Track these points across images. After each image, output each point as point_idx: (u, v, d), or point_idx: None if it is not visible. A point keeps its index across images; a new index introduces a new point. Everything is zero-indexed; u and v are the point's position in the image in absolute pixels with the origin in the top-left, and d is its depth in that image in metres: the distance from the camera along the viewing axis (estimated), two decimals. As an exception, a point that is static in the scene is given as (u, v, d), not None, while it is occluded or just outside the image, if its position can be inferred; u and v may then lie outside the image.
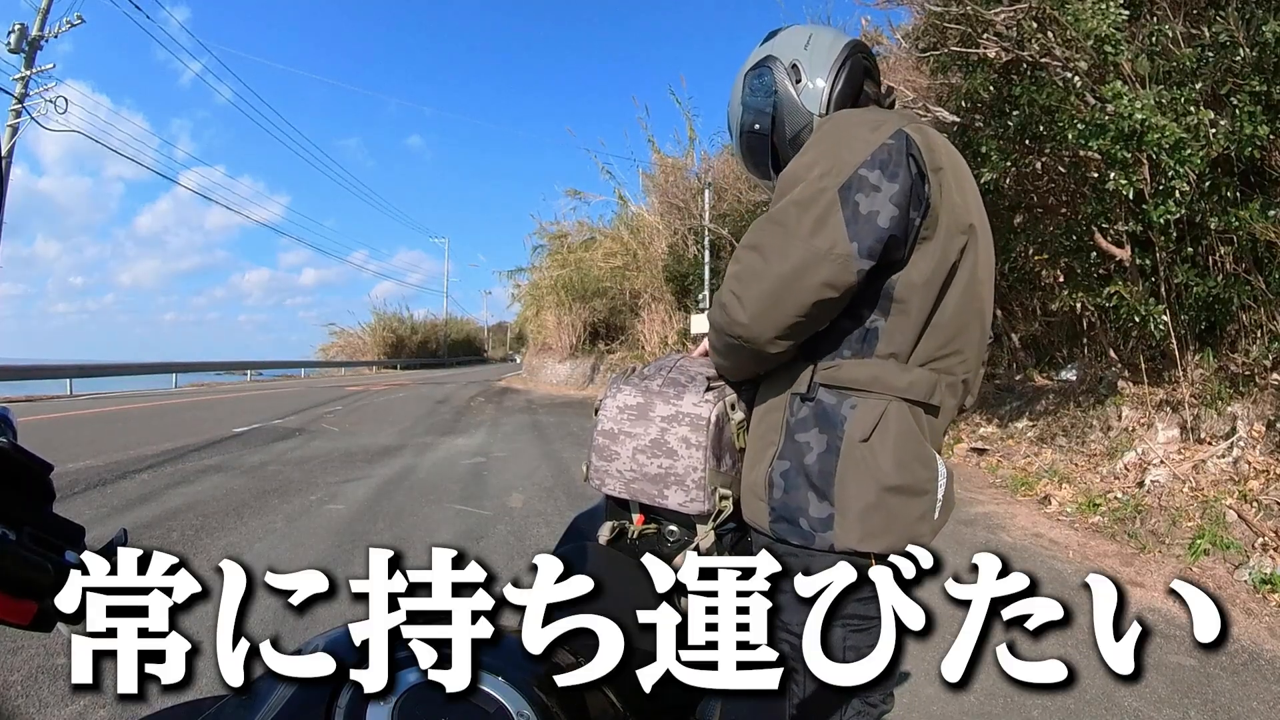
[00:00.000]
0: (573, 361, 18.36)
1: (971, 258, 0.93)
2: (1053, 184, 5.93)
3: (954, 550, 3.68)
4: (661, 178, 16.02)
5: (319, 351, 37.92)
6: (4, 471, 0.42)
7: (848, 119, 0.93)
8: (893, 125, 0.89)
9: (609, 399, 1.06)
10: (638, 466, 1.00)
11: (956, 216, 0.91)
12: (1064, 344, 6.82)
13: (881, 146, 0.87)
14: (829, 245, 0.84)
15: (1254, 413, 4.20)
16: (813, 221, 0.85)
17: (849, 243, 0.84)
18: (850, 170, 0.86)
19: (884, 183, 0.85)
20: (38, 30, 15.39)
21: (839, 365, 0.91)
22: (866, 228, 0.84)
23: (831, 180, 0.86)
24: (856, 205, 0.84)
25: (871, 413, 0.88)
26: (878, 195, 0.85)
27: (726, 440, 0.99)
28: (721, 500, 0.97)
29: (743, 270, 0.89)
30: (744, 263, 0.89)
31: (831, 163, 0.87)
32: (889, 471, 0.87)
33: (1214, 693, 2.23)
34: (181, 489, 4.86)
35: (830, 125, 0.94)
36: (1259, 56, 4.10)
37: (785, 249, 0.85)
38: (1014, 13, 4.89)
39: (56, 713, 1.96)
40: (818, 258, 0.84)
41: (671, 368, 1.08)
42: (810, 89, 1.05)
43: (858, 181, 0.85)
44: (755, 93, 1.09)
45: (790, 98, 1.06)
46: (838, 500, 0.87)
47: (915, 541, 0.89)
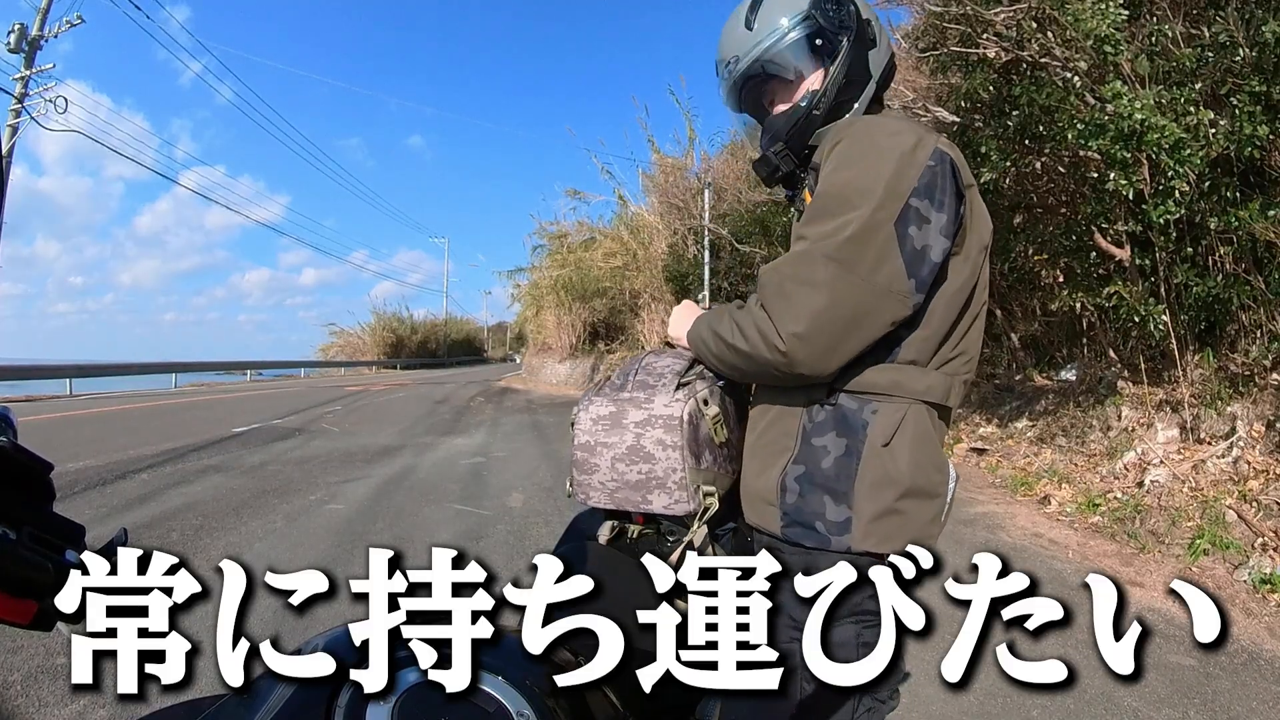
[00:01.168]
0: (572, 361, 18.35)
1: (987, 267, 0.94)
2: (1052, 184, 5.93)
3: (954, 550, 3.69)
4: (661, 178, 16.02)
5: (319, 351, 37.99)
6: (4, 471, 0.42)
7: (878, 132, 0.89)
8: (929, 144, 0.87)
9: (581, 412, 1.05)
10: (618, 475, 0.99)
11: (981, 233, 0.91)
12: (1064, 344, 6.82)
13: (927, 170, 0.85)
14: (888, 284, 0.83)
15: (1253, 413, 4.20)
16: (873, 259, 0.82)
17: (907, 280, 0.83)
18: (902, 200, 0.83)
19: (933, 214, 0.84)
20: (37, 30, 15.39)
21: (860, 371, 0.90)
22: (922, 263, 0.84)
23: (886, 214, 0.83)
24: (911, 240, 0.83)
25: (893, 417, 0.88)
26: (929, 228, 0.84)
27: (703, 437, 0.98)
28: (706, 498, 0.97)
29: (799, 309, 0.83)
30: (798, 300, 0.84)
31: (882, 190, 0.83)
32: (907, 475, 0.87)
33: (1213, 692, 2.23)
34: (181, 489, 4.86)
35: (864, 139, 0.89)
36: (1259, 56, 4.10)
37: (848, 290, 0.82)
38: (1014, 13, 4.89)
39: (56, 712, 1.96)
40: (879, 297, 0.82)
41: (639, 369, 1.06)
42: (876, 58, 0.98)
43: (911, 214, 0.83)
44: (826, 15, 0.95)
45: (859, 53, 0.96)
46: (856, 504, 0.87)
47: (924, 543, 0.89)
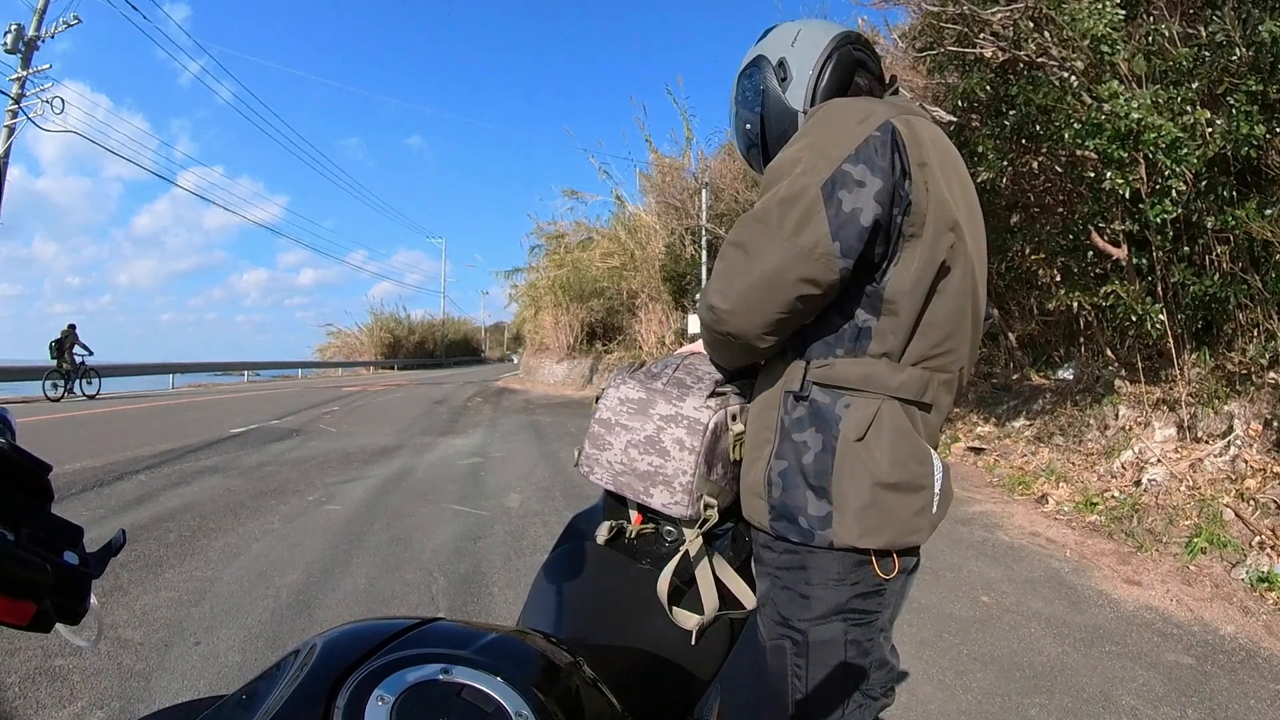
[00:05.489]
0: (570, 362, 18.36)
1: (963, 256, 0.92)
2: (1049, 183, 5.94)
3: (952, 549, 3.69)
4: (659, 178, 16.04)
5: (316, 352, 37.98)
6: (3, 472, 0.42)
7: (835, 109, 0.91)
8: (880, 116, 0.87)
9: (611, 389, 1.06)
10: (628, 460, 0.99)
11: (944, 214, 0.88)
12: (1061, 343, 6.83)
13: (867, 140, 0.85)
14: (811, 244, 0.83)
15: (1251, 411, 4.22)
16: (796, 219, 0.84)
17: (831, 242, 0.83)
18: (834, 165, 0.84)
19: (868, 177, 0.84)
20: (34, 30, 15.35)
21: (831, 364, 0.90)
22: (849, 226, 0.83)
23: (815, 176, 0.84)
24: (840, 203, 0.83)
25: (865, 412, 0.88)
26: (861, 191, 0.83)
27: (721, 450, 0.98)
28: (706, 509, 0.96)
29: (727, 267, 0.89)
30: (728, 260, 0.89)
31: (816, 157, 0.85)
32: (885, 469, 0.87)
33: (1211, 691, 2.24)
34: (179, 490, 4.85)
35: (818, 116, 0.92)
36: (1255, 56, 4.11)
37: (768, 247, 0.85)
38: (1010, 12, 4.90)
39: (54, 714, 1.95)
40: (800, 256, 0.83)
41: (679, 366, 1.06)
42: (796, 85, 1.03)
43: (842, 177, 0.84)
44: (747, 93, 1.09)
45: (776, 96, 1.04)
46: (835, 499, 0.87)
47: (912, 536, 0.89)
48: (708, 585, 0.97)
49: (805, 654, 0.89)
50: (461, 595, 2.95)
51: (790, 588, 0.91)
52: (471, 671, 0.56)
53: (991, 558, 3.59)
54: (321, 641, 0.58)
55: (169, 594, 2.86)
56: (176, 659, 2.31)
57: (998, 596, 3.05)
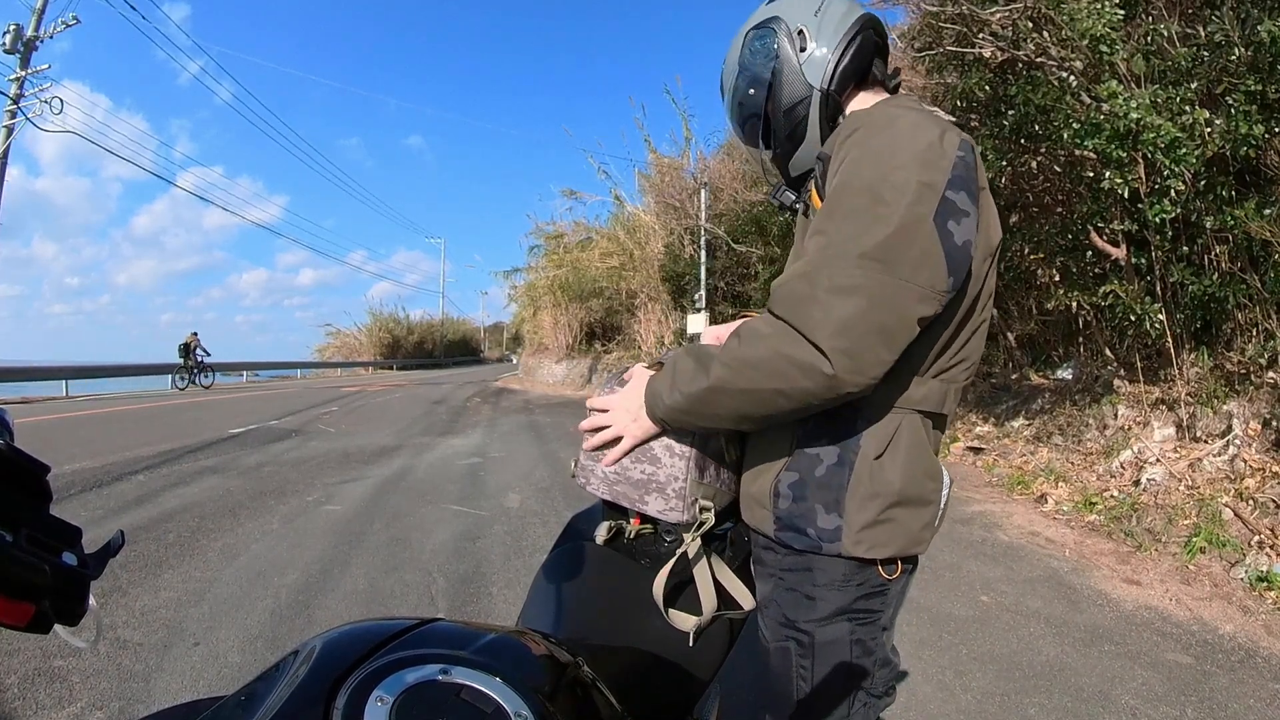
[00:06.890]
0: (569, 362, 18.36)
1: (993, 275, 0.90)
2: (1048, 183, 5.95)
3: (951, 549, 3.69)
4: (658, 178, 16.03)
5: (316, 352, 37.99)
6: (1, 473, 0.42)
7: (906, 123, 0.82)
8: (954, 133, 0.82)
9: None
10: (621, 470, 0.98)
11: (990, 237, 0.86)
12: (1060, 343, 6.84)
13: (958, 161, 0.79)
14: (931, 283, 0.76)
15: (1250, 411, 4.22)
16: (916, 258, 0.75)
17: (947, 277, 0.77)
18: (939, 194, 0.77)
19: (969, 206, 0.79)
20: (33, 30, 15.33)
21: None
22: (960, 258, 0.77)
23: (925, 207, 0.76)
24: (952, 235, 0.77)
25: (886, 428, 0.87)
26: (967, 221, 0.78)
27: (713, 451, 0.97)
28: (702, 512, 0.95)
29: (846, 320, 0.73)
30: (836, 310, 0.74)
31: (915, 182, 0.77)
32: (898, 486, 0.86)
33: (1210, 690, 2.24)
34: (178, 490, 4.85)
35: (883, 128, 0.83)
36: (1254, 56, 4.11)
37: (893, 294, 0.74)
38: (1009, 12, 4.91)
39: (53, 715, 1.95)
40: (920, 298, 0.75)
41: None
42: (815, 59, 0.96)
43: (949, 208, 0.77)
44: (755, 55, 1.00)
45: (792, 65, 0.96)
46: (847, 514, 0.86)
47: (917, 547, 0.89)
48: (706, 586, 0.97)
49: (811, 655, 0.89)
50: (461, 595, 2.95)
51: (795, 589, 0.90)
52: (471, 672, 0.56)
53: (991, 557, 3.59)
54: (321, 642, 0.58)
55: (168, 595, 2.86)
56: (176, 660, 2.31)
57: (997, 596, 3.05)
